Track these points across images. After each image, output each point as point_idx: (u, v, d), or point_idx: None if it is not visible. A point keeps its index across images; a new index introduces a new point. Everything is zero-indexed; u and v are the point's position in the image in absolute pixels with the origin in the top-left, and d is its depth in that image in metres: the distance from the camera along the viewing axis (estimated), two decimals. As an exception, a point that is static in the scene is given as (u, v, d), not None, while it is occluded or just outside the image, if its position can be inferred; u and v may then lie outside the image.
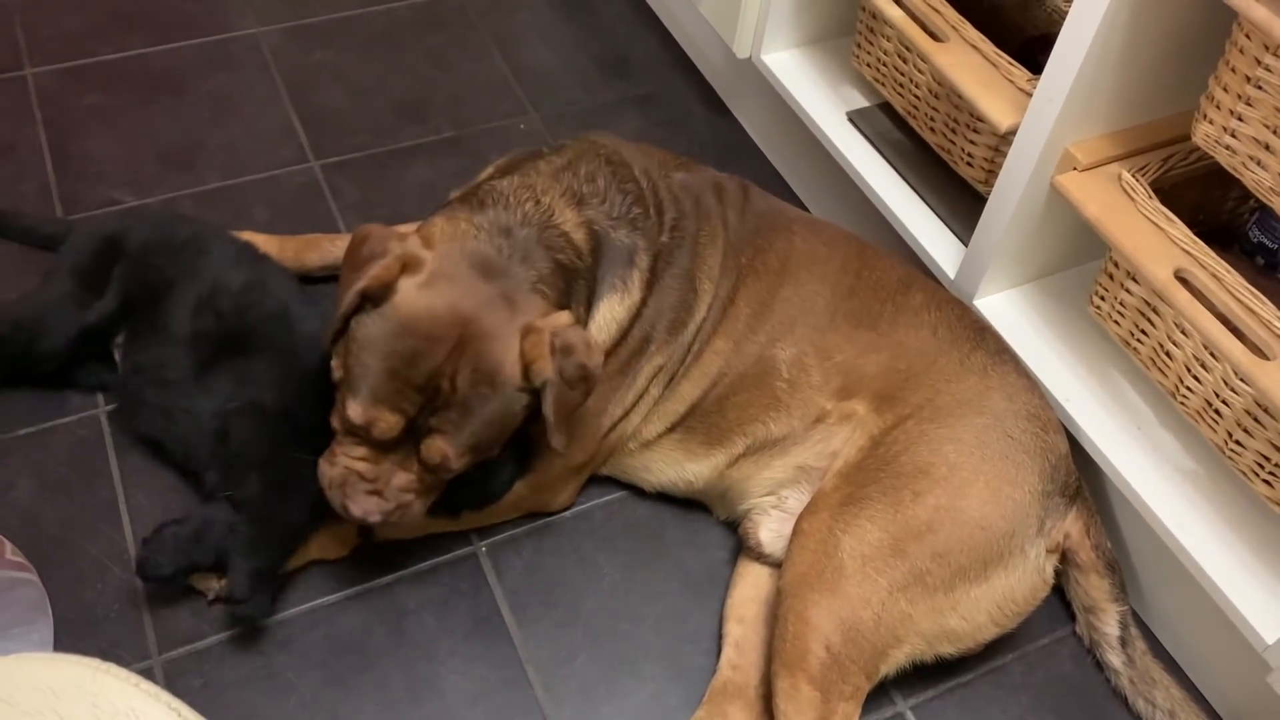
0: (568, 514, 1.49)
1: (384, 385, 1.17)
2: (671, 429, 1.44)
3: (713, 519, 1.51)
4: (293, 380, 1.36)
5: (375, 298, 1.18)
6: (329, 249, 1.65)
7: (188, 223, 1.57)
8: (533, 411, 1.25)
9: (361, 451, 1.22)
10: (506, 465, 1.38)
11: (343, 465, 1.22)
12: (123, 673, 0.82)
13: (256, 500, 1.30)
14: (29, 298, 1.47)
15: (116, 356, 1.48)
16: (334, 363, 1.24)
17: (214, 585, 1.32)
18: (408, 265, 1.19)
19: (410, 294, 1.18)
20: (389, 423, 1.18)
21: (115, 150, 1.83)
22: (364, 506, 1.22)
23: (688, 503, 1.52)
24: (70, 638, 1.30)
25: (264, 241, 1.61)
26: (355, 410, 1.18)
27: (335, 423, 1.24)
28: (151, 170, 1.81)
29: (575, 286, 1.31)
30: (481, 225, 1.26)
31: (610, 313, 1.35)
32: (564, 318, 1.22)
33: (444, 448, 1.20)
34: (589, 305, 1.34)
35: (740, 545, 1.45)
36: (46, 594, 1.31)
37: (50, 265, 1.53)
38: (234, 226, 1.64)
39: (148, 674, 1.26)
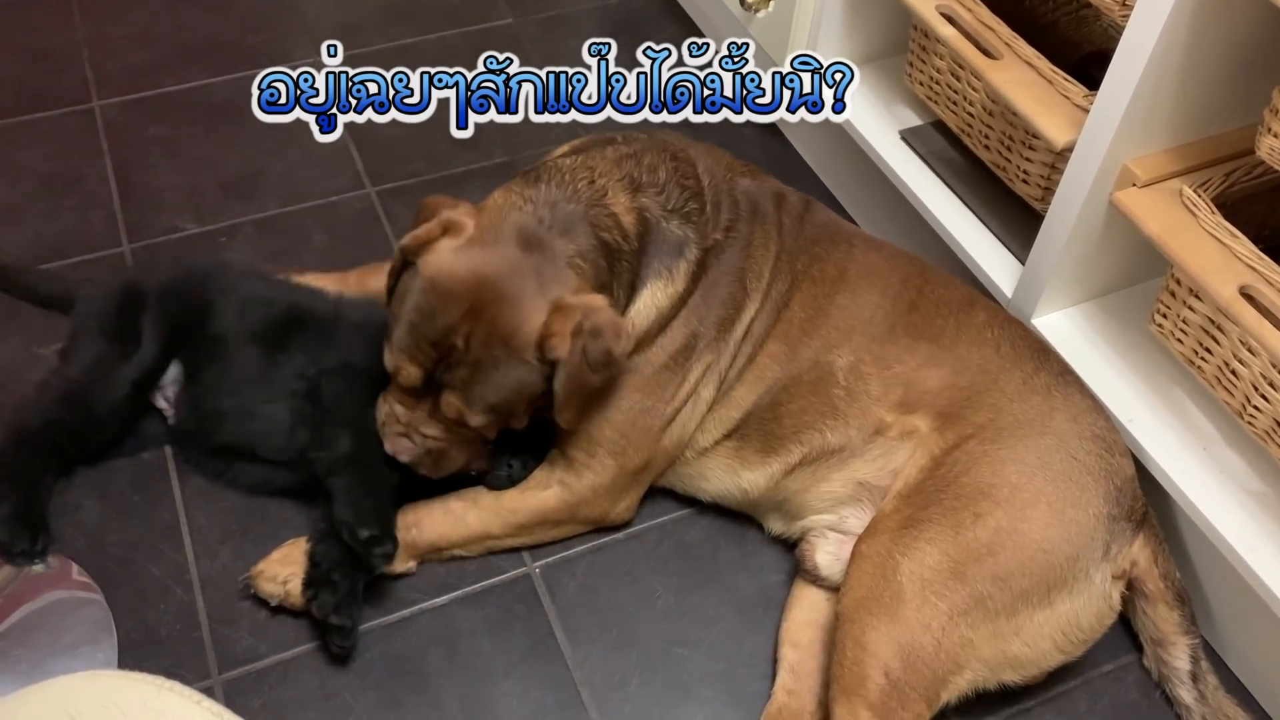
0: (620, 535, 1.49)
1: (405, 337, 1.24)
2: (728, 436, 1.44)
3: (766, 541, 1.50)
4: (376, 347, 1.36)
5: (415, 256, 1.25)
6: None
7: (197, 260, 1.59)
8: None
9: (400, 396, 1.29)
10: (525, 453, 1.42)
11: (388, 407, 1.31)
12: (186, 690, 0.83)
13: (350, 454, 1.32)
14: (65, 374, 1.43)
15: (161, 404, 1.48)
16: None
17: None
18: (449, 229, 1.26)
19: (440, 254, 1.25)
20: (410, 373, 1.25)
21: (178, 179, 1.88)
22: (395, 445, 1.31)
23: (742, 524, 1.51)
24: (133, 657, 1.33)
25: (323, 279, 1.62)
26: (386, 357, 1.27)
27: None
28: (213, 198, 1.85)
29: (617, 268, 1.33)
30: (532, 198, 1.30)
31: (652, 299, 1.37)
32: (599, 300, 1.26)
33: (457, 403, 1.26)
34: (632, 289, 1.35)
35: (795, 568, 1.44)
36: (111, 614, 1.34)
37: (67, 338, 1.48)
38: (294, 251, 1.68)
39: (209, 694, 1.27)
